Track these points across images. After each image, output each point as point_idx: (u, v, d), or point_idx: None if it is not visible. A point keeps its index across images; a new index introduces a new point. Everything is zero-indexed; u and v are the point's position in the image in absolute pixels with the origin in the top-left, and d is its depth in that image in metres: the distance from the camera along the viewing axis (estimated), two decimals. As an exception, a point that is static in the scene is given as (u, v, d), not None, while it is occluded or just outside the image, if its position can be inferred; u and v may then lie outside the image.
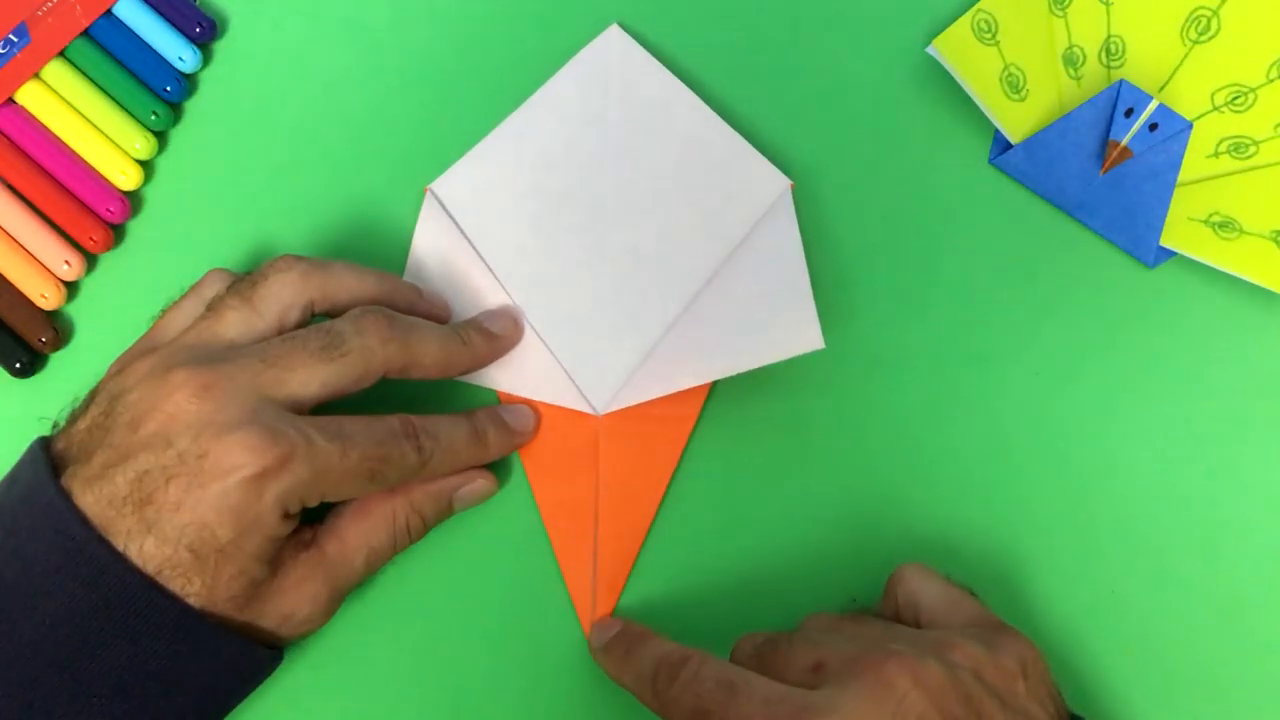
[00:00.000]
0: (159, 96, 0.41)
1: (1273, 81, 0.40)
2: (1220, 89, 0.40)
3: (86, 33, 0.40)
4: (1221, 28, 0.40)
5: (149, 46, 0.41)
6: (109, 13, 0.41)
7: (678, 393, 0.37)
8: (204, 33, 0.41)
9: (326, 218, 0.41)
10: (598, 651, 0.35)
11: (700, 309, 0.39)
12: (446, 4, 0.43)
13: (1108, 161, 0.38)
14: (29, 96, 0.40)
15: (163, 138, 0.41)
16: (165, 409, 0.30)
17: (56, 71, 0.40)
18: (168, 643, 0.30)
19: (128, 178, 0.40)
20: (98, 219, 0.40)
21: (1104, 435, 0.39)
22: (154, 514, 0.30)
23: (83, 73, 0.40)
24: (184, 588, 0.30)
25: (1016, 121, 0.40)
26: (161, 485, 0.30)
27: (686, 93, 0.41)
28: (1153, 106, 0.37)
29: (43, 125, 0.40)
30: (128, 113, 0.40)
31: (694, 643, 0.37)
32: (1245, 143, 0.40)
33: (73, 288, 0.40)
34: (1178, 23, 0.41)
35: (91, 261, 0.40)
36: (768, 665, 0.31)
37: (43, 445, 0.32)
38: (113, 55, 0.41)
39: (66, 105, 0.40)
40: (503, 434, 0.37)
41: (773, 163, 0.40)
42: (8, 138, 0.40)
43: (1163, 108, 0.37)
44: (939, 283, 0.40)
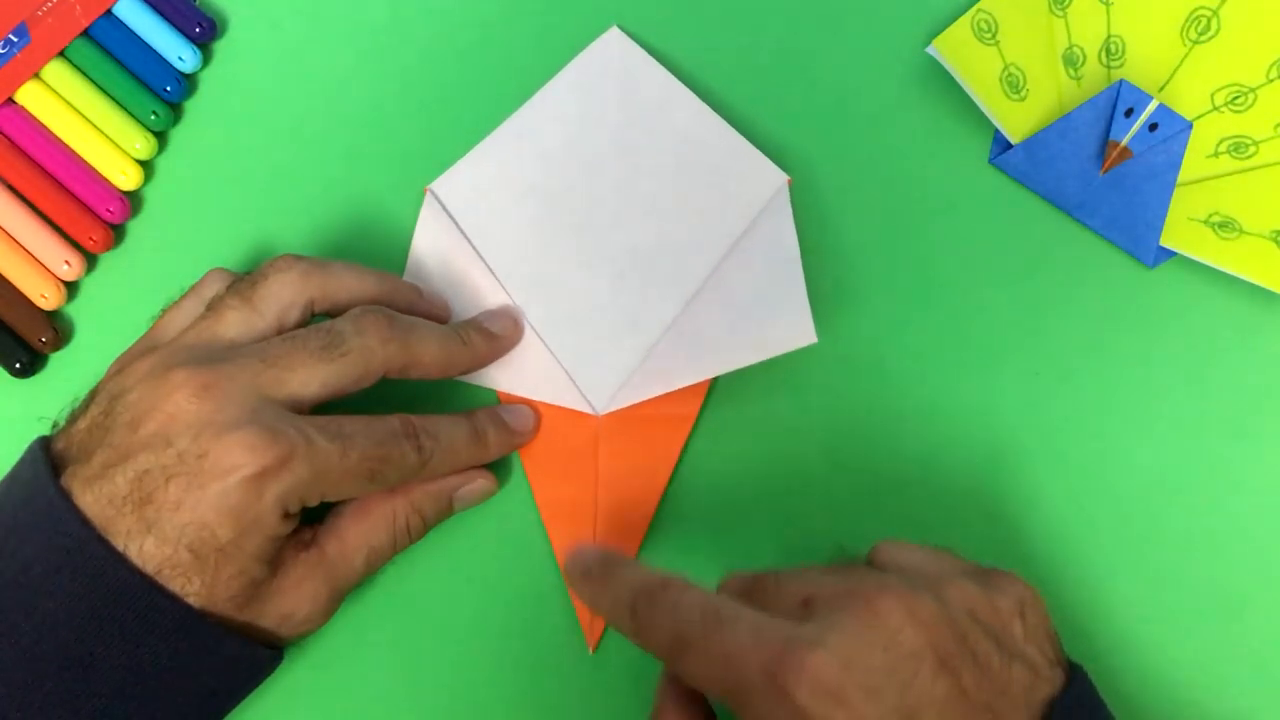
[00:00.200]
0: (159, 96, 0.41)
1: (1273, 81, 0.40)
2: (1220, 89, 0.40)
3: (86, 33, 0.40)
4: (1221, 28, 0.40)
5: (149, 46, 0.41)
6: (109, 13, 0.41)
7: (677, 392, 0.37)
8: (204, 33, 0.41)
9: (326, 218, 0.41)
10: (574, 577, 0.32)
11: (698, 307, 0.39)
12: (447, 4, 0.43)
13: (1108, 161, 0.38)
14: (29, 96, 0.40)
15: (163, 138, 0.41)
16: (165, 409, 0.30)
17: (56, 71, 0.40)
18: (167, 642, 0.30)
19: (128, 178, 0.40)
20: (98, 219, 0.40)
21: (1103, 435, 0.39)
22: (154, 514, 0.30)
23: (83, 73, 0.40)
24: (184, 587, 0.30)
25: (1016, 121, 0.40)
26: (161, 485, 0.30)
27: (686, 93, 0.41)
28: (1153, 106, 0.37)
29: (43, 125, 0.40)
30: (128, 113, 0.40)
31: (694, 643, 0.37)
32: (1245, 143, 0.40)
33: (73, 288, 0.40)
34: (1178, 23, 0.41)
35: (91, 261, 0.40)
36: (755, 601, 0.30)
37: (43, 445, 0.32)
38: (113, 55, 0.41)
39: (66, 105, 0.40)
40: (503, 434, 0.37)
41: (773, 162, 0.40)
42: (8, 138, 0.40)
43: (1163, 108, 0.37)
44: (938, 282, 0.40)
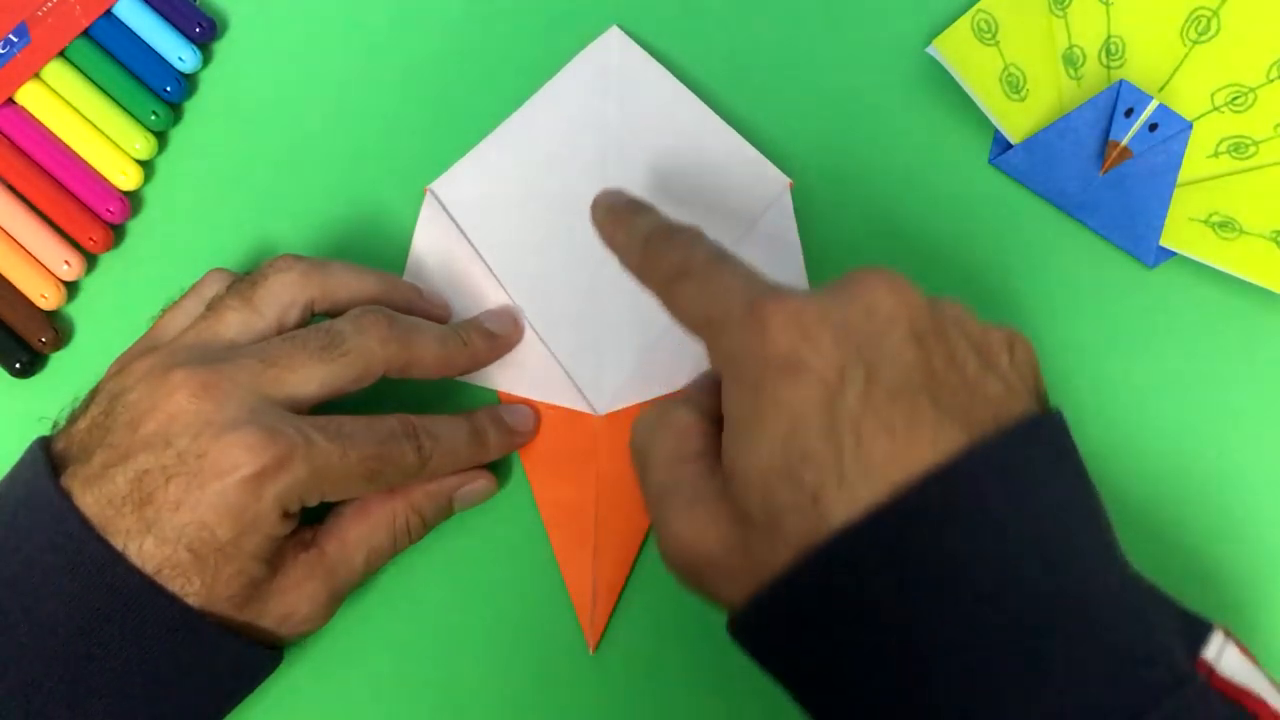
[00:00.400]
0: (159, 96, 0.41)
1: (1273, 81, 0.40)
2: (1220, 89, 0.40)
3: (86, 33, 0.40)
4: (1221, 28, 0.40)
5: (149, 46, 0.41)
6: (109, 13, 0.41)
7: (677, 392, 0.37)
8: (204, 33, 0.41)
9: (327, 218, 0.41)
10: (598, 211, 0.34)
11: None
12: (447, 4, 0.43)
13: (1108, 161, 0.38)
14: (29, 96, 0.40)
15: (163, 138, 0.41)
16: (165, 409, 0.30)
17: (56, 71, 0.40)
18: (167, 642, 0.30)
19: (128, 178, 0.40)
20: (98, 219, 0.40)
21: (1103, 435, 0.39)
22: (153, 513, 0.30)
23: (83, 73, 0.40)
24: (183, 587, 0.30)
25: (1016, 121, 0.40)
26: (161, 485, 0.30)
27: (686, 94, 0.41)
28: (1153, 106, 0.37)
29: (43, 125, 0.40)
30: (128, 113, 0.40)
31: (695, 642, 0.37)
32: (1245, 143, 0.40)
33: (73, 288, 0.40)
34: (1178, 23, 0.41)
35: (91, 261, 0.40)
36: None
37: (43, 445, 0.32)
38: (113, 55, 0.41)
39: (66, 105, 0.40)
40: (503, 434, 0.37)
41: (773, 162, 0.40)
42: (8, 138, 0.40)
43: (1163, 108, 0.37)
44: (938, 283, 0.40)
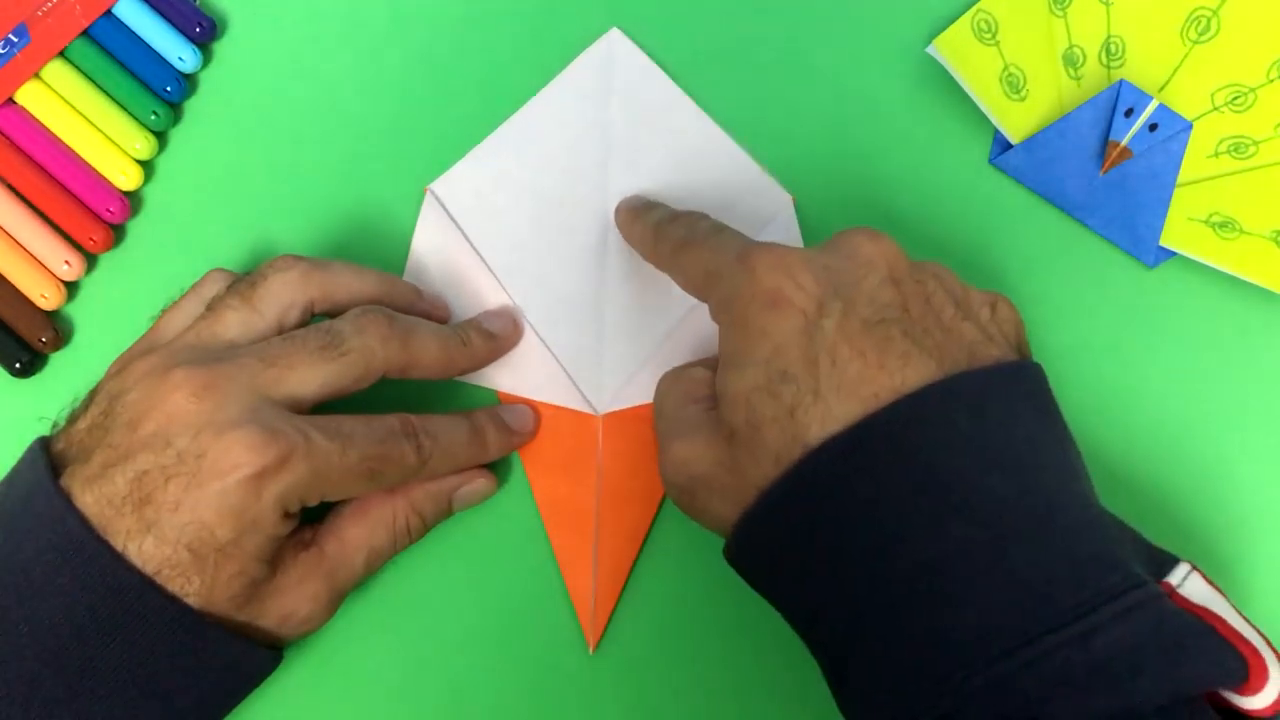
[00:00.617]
0: (159, 96, 0.41)
1: (1273, 81, 0.40)
2: (1220, 89, 0.40)
3: (86, 33, 0.40)
4: (1221, 28, 0.40)
5: (149, 46, 0.41)
6: (109, 13, 0.41)
7: (678, 393, 0.37)
8: (204, 33, 0.41)
9: (326, 218, 0.41)
10: (620, 213, 0.39)
11: (701, 311, 0.39)
12: (447, 5, 0.43)
13: (1108, 161, 0.38)
14: (29, 96, 0.40)
15: (163, 138, 0.41)
16: (164, 409, 0.30)
17: (56, 71, 0.40)
18: (167, 643, 0.30)
19: (128, 178, 0.40)
20: (98, 219, 0.40)
21: (1103, 435, 0.39)
22: (153, 513, 0.30)
23: (83, 73, 0.40)
24: (183, 587, 0.30)
25: (1016, 121, 0.40)
26: (161, 485, 0.30)
27: (686, 100, 0.41)
28: (1153, 106, 0.37)
29: (43, 125, 0.40)
30: (128, 113, 0.40)
31: (695, 642, 0.37)
32: (1245, 143, 0.40)
33: (73, 288, 0.40)
34: (1178, 23, 0.41)
35: (91, 261, 0.40)
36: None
37: (42, 445, 0.32)
38: (113, 55, 0.41)
39: (66, 105, 0.40)
40: (502, 434, 0.37)
41: (772, 161, 0.40)
42: (8, 138, 0.40)
43: (1163, 108, 0.37)
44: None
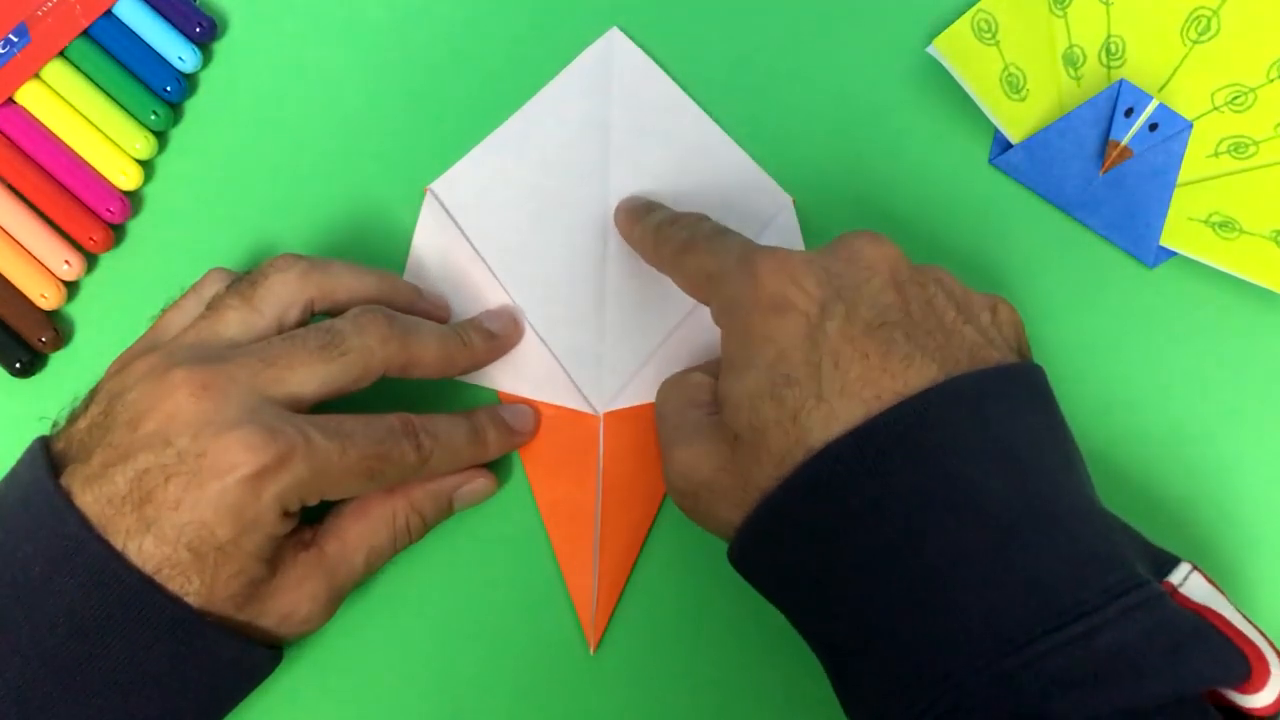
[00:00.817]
0: (159, 96, 0.41)
1: (1273, 81, 0.40)
2: (1220, 89, 0.40)
3: (86, 33, 0.40)
4: (1221, 28, 0.40)
5: (149, 46, 0.41)
6: (109, 13, 0.41)
7: (678, 392, 0.37)
8: (204, 33, 0.41)
9: (326, 218, 0.41)
10: (619, 215, 0.39)
11: (702, 311, 0.39)
12: (446, 4, 0.43)
13: (1108, 161, 0.38)
14: (29, 96, 0.40)
15: (163, 138, 0.41)
16: (164, 408, 0.30)
17: (56, 71, 0.40)
18: (167, 642, 0.30)
19: (128, 178, 0.40)
20: (98, 219, 0.40)
21: (1103, 435, 0.39)
22: (153, 513, 0.30)
23: (83, 73, 0.40)
24: (183, 587, 0.30)
25: (1016, 121, 0.40)
26: (161, 484, 0.30)
27: (686, 100, 0.41)
28: (1153, 106, 0.37)
29: (43, 125, 0.40)
30: (128, 113, 0.40)
31: (695, 642, 0.37)
32: (1245, 143, 0.40)
33: (73, 288, 0.40)
34: (1178, 23, 0.41)
35: (91, 261, 0.40)
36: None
37: (42, 445, 0.32)
38: (113, 55, 0.41)
39: (66, 105, 0.40)
40: (503, 433, 0.37)
41: (773, 161, 0.40)
42: (8, 138, 0.40)
43: (1163, 108, 0.37)
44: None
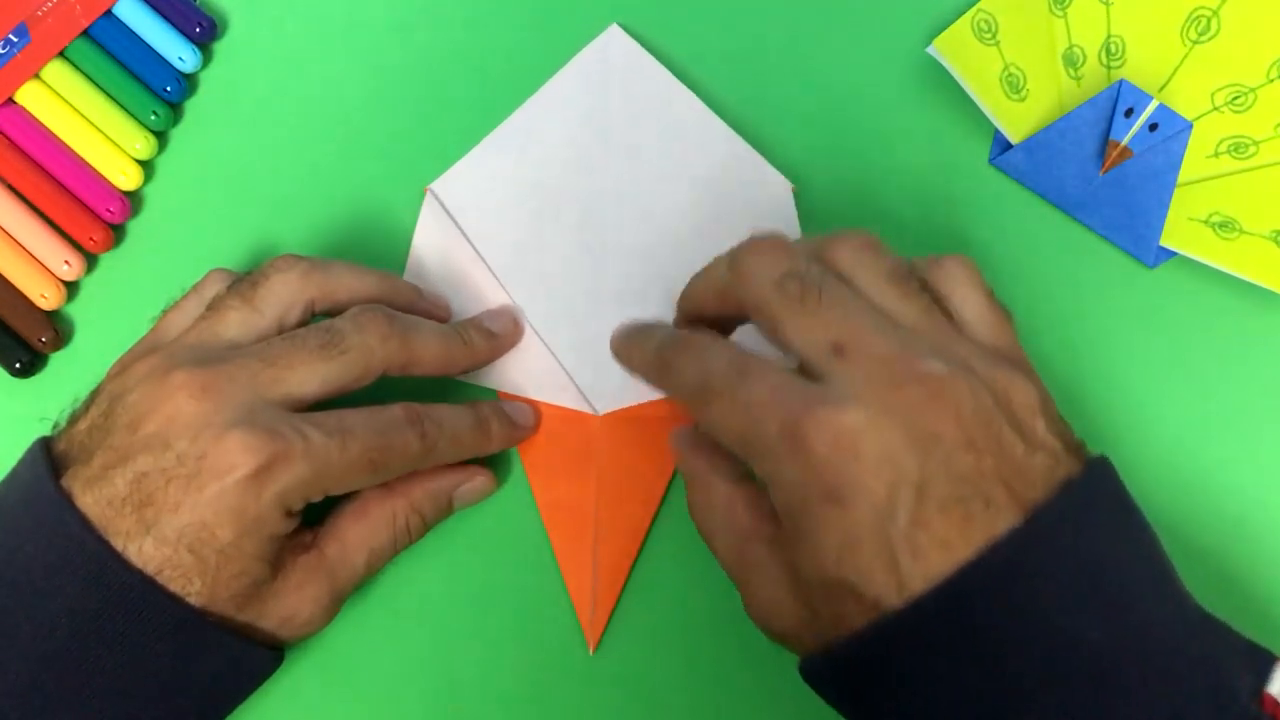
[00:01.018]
0: (159, 96, 0.41)
1: (1273, 81, 0.40)
2: (1220, 89, 0.40)
3: (86, 33, 0.40)
4: (1221, 28, 0.40)
5: (149, 46, 0.41)
6: (109, 13, 0.41)
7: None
8: (204, 33, 0.41)
9: (327, 217, 0.41)
10: (614, 341, 0.35)
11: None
12: (446, 4, 0.43)
13: (1108, 161, 0.38)
14: (29, 96, 0.40)
15: (163, 138, 0.41)
16: (164, 410, 0.30)
17: (56, 71, 0.40)
18: (168, 643, 0.30)
19: (128, 178, 0.40)
20: (98, 219, 0.40)
21: (1103, 435, 0.39)
22: (153, 515, 0.30)
23: (83, 73, 0.40)
24: (184, 588, 0.30)
25: (1016, 121, 0.40)
26: (161, 486, 0.30)
27: (687, 94, 0.41)
28: (1153, 106, 0.37)
29: (43, 125, 0.40)
30: (128, 113, 0.40)
31: (695, 642, 0.37)
32: (1245, 143, 0.40)
33: (73, 288, 0.40)
34: (1178, 23, 0.41)
35: (91, 261, 0.40)
36: (789, 310, 0.29)
37: (43, 446, 0.32)
38: (113, 55, 0.41)
39: (66, 105, 0.40)
40: (505, 425, 0.37)
41: (773, 162, 0.40)
42: (8, 138, 0.40)
43: (1163, 108, 0.37)
44: (939, 283, 0.40)
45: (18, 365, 0.39)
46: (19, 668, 0.29)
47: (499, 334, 0.38)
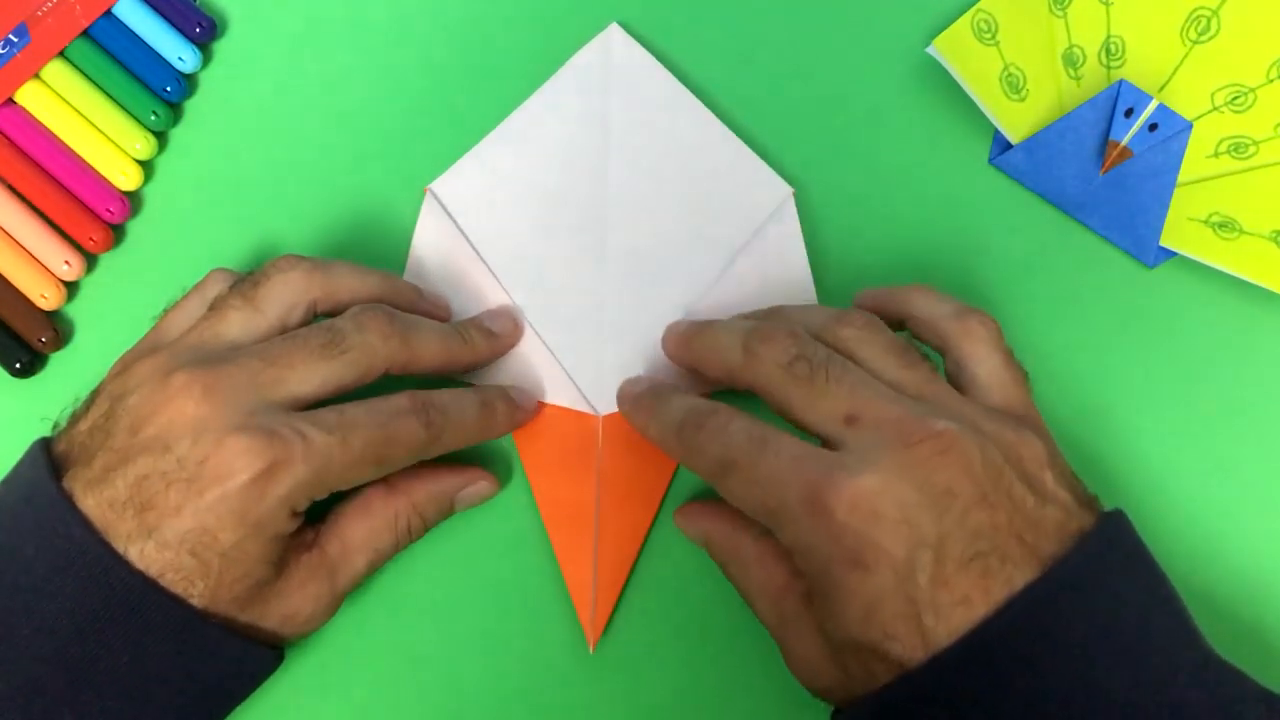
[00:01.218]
0: (159, 96, 0.41)
1: (1273, 81, 0.40)
2: (1220, 89, 0.40)
3: (86, 33, 0.40)
4: (1221, 28, 0.40)
5: (149, 46, 0.41)
6: (109, 13, 0.41)
7: (678, 393, 0.37)
8: (204, 33, 0.41)
9: (327, 218, 0.41)
10: (624, 405, 0.36)
11: (703, 313, 0.39)
12: (446, 3, 0.43)
13: (1108, 161, 0.38)
14: (29, 96, 0.40)
15: (163, 138, 0.41)
16: (165, 413, 0.30)
17: (56, 71, 0.40)
18: (169, 644, 0.30)
19: (128, 178, 0.40)
20: (98, 219, 0.40)
21: (1103, 436, 0.39)
22: (155, 518, 0.30)
23: (83, 73, 0.40)
24: (187, 590, 0.30)
25: (1016, 121, 0.40)
26: (161, 490, 0.30)
27: (686, 95, 0.41)
28: (1153, 106, 0.37)
29: (43, 125, 0.40)
30: (128, 113, 0.40)
31: (695, 642, 0.37)
32: (1245, 143, 0.40)
33: (73, 288, 0.40)
34: (1178, 23, 0.41)
35: (91, 261, 0.40)
36: (800, 391, 0.31)
37: (43, 446, 0.32)
38: (113, 55, 0.41)
39: (66, 105, 0.40)
40: (510, 409, 0.37)
41: (773, 162, 0.40)
42: (8, 138, 0.40)
43: (1163, 108, 0.37)
44: (939, 283, 0.40)
45: (18, 365, 0.39)
46: (19, 668, 0.29)
47: (499, 334, 0.38)
